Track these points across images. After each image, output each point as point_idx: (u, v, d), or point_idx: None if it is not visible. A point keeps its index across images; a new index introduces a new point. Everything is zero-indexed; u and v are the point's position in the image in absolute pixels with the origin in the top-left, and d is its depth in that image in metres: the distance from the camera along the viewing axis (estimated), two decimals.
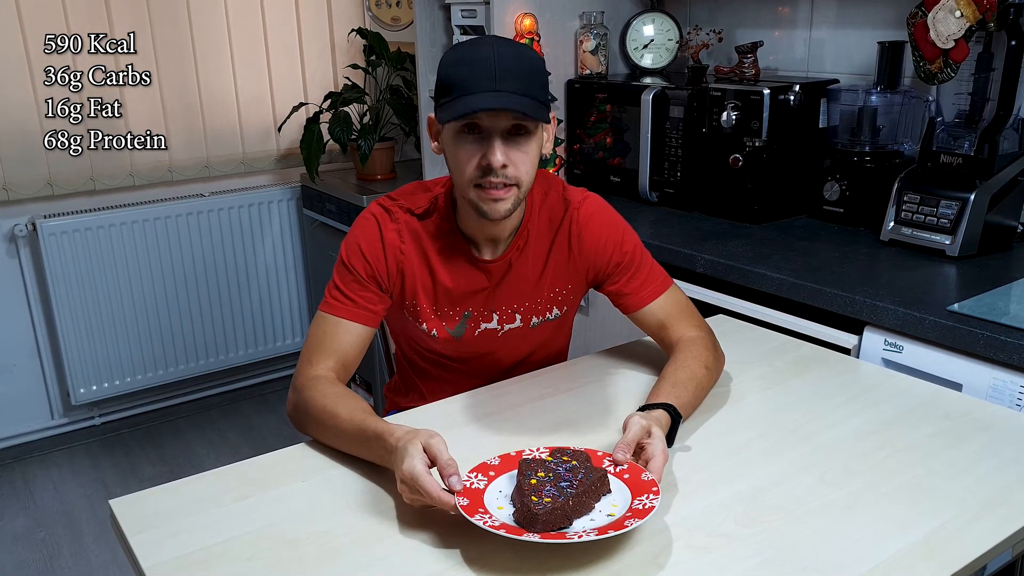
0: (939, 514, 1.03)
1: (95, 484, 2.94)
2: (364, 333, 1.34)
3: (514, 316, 1.44)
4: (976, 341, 1.44)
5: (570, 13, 2.58)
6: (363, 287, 1.34)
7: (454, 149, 1.27)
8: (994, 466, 1.14)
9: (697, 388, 1.28)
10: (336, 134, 3.01)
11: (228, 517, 1.06)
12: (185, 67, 3.11)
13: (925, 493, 1.08)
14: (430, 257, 1.38)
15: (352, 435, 1.16)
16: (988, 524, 1.01)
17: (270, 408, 3.44)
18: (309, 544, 1.00)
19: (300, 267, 3.50)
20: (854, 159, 2.05)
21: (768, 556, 0.96)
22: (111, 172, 3.05)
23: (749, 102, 2.09)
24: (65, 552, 2.58)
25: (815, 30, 2.32)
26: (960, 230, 1.78)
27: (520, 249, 1.41)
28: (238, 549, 0.99)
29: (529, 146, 1.26)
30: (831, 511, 1.05)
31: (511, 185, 1.26)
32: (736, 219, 2.19)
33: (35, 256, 2.98)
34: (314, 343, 1.32)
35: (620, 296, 1.45)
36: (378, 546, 1.00)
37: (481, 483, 1.05)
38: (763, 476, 1.13)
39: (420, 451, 1.02)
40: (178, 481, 1.14)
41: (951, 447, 1.19)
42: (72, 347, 3.04)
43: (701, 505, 1.06)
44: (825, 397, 1.35)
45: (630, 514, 0.98)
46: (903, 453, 1.18)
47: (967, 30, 1.72)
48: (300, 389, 1.27)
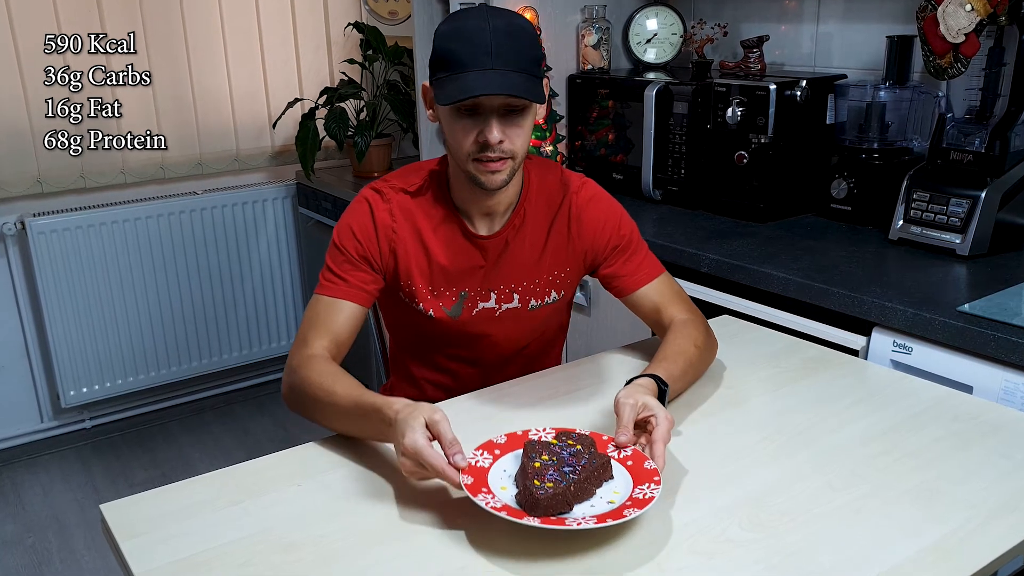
0: (949, 519, 1.03)
1: (86, 488, 2.94)
2: (357, 312, 1.37)
3: (511, 296, 1.46)
4: (987, 342, 1.44)
5: (572, 7, 2.58)
6: (355, 267, 1.37)
7: (451, 125, 1.30)
8: (1005, 470, 1.14)
9: (686, 364, 1.30)
10: (332, 130, 3.01)
11: (222, 522, 1.06)
12: (178, 62, 3.11)
13: (935, 498, 1.08)
14: (425, 235, 1.40)
15: (349, 410, 1.18)
16: (999, 529, 1.01)
17: (265, 411, 3.44)
18: (304, 549, 1.00)
19: (295, 267, 3.50)
20: (862, 156, 2.05)
21: (774, 562, 0.96)
22: (102, 170, 3.05)
23: (755, 98, 2.09)
24: (55, 558, 2.58)
25: (822, 24, 2.32)
26: (970, 229, 1.78)
27: (517, 228, 1.43)
28: (232, 554, 0.99)
29: (524, 120, 1.30)
30: (838, 516, 1.05)
31: (507, 158, 1.30)
32: (741, 217, 2.19)
33: (24, 255, 2.98)
34: (308, 324, 1.35)
35: (615, 278, 1.47)
36: (376, 549, 1.00)
37: (486, 461, 1.07)
38: (769, 480, 1.13)
39: (423, 425, 1.04)
40: (171, 485, 1.14)
41: (961, 450, 1.19)
42: (62, 348, 3.04)
43: (706, 509, 1.06)
44: (832, 399, 1.35)
45: (630, 503, 1.00)
46: (912, 457, 1.18)
47: (978, 24, 1.73)
48: (296, 369, 1.29)
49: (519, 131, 1.29)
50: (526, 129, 1.31)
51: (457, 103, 1.24)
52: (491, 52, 1.23)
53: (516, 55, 1.25)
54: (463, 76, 1.23)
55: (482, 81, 1.22)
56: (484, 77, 1.23)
